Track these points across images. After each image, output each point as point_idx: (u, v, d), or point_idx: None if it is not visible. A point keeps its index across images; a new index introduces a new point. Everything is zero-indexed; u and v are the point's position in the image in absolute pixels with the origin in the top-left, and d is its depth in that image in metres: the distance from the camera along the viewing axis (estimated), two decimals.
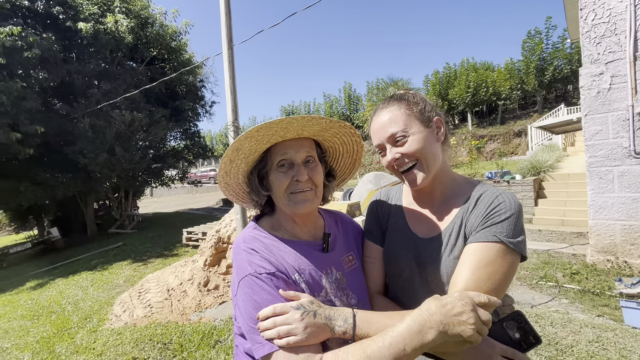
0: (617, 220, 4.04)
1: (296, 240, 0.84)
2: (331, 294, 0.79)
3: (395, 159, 0.82)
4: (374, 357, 0.59)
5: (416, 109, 0.83)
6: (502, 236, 0.72)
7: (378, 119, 0.86)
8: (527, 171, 8.31)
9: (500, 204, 0.77)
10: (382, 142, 0.84)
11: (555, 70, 17.40)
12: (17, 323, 4.44)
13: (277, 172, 0.80)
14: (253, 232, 0.82)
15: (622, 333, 2.66)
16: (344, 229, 0.98)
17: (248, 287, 0.71)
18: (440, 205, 0.88)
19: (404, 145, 0.81)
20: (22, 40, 8.27)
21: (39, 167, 10.01)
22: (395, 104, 0.84)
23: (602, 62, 4.03)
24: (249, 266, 0.72)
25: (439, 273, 0.80)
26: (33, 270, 8.07)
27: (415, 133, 0.81)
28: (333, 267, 0.84)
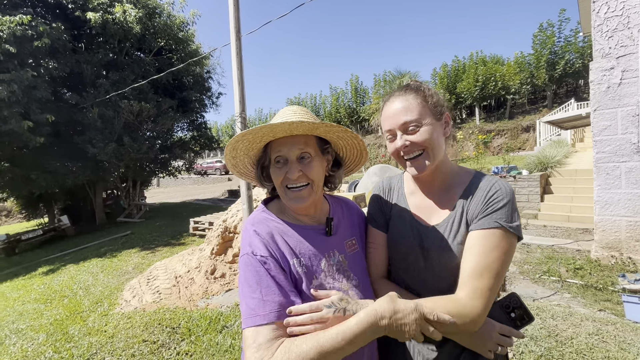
0: (623, 217, 4.03)
1: (300, 225, 0.88)
2: (330, 276, 0.84)
3: (405, 146, 0.85)
4: (326, 344, 0.66)
5: (431, 101, 0.86)
6: (502, 222, 0.78)
7: (392, 106, 0.88)
8: (534, 166, 8.25)
9: (497, 192, 0.82)
10: (394, 128, 0.86)
11: (566, 64, 17.05)
12: (31, 306, 4.60)
13: (273, 167, 0.86)
14: (262, 214, 0.88)
15: (622, 327, 2.68)
16: (349, 214, 1.02)
17: (243, 264, 0.78)
18: (441, 194, 0.92)
19: (415, 134, 0.84)
20: (32, 30, 8.35)
21: (49, 155, 10.19)
22: (412, 94, 0.87)
23: (614, 56, 3.97)
24: (249, 246, 0.79)
25: (443, 257, 0.85)
26: (44, 256, 8.28)
27: (428, 124, 0.84)
28: (335, 250, 0.89)
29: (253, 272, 0.75)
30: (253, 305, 0.72)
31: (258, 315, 0.70)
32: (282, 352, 0.67)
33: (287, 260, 0.80)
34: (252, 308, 0.72)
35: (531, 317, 0.87)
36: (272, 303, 0.71)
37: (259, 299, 0.72)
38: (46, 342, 3.35)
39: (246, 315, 0.72)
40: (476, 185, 0.87)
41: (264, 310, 0.71)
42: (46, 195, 11.96)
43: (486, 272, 0.74)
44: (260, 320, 0.70)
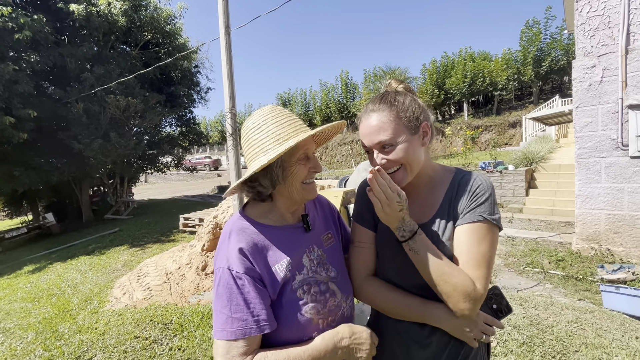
0: (602, 210, 4.20)
1: (282, 225, 0.91)
2: (312, 270, 0.88)
3: (382, 164, 0.88)
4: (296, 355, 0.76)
5: (405, 116, 0.86)
6: (486, 215, 0.83)
7: (367, 122, 0.88)
8: (519, 162, 8.45)
9: (479, 187, 0.87)
10: (370, 146, 0.89)
11: (552, 61, 17.41)
12: (18, 305, 4.52)
13: (298, 164, 0.85)
14: (241, 222, 0.87)
15: (600, 315, 2.82)
16: (322, 210, 1.07)
17: (218, 277, 0.80)
18: (426, 194, 0.96)
19: (391, 154, 0.86)
20: (12, 22, 8.09)
21: (33, 152, 9.92)
22: (385, 110, 0.86)
23: (595, 54, 4.10)
24: (226, 260, 0.79)
25: None
26: (30, 254, 8.11)
27: (402, 142, 0.85)
28: (315, 245, 0.93)
29: (225, 288, 0.77)
30: (222, 320, 0.75)
31: (225, 331, 0.74)
32: None
33: (268, 267, 0.82)
34: (222, 322, 0.75)
35: (510, 309, 0.94)
36: (239, 321, 0.74)
37: (227, 316, 0.75)
38: (35, 340, 3.32)
39: (216, 327, 0.76)
40: (459, 183, 0.91)
41: (232, 327, 0.74)
42: (30, 192, 11.67)
43: (481, 261, 0.81)
44: (228, 336, 0.74)
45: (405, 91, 0.93)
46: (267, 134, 0.82)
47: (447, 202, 0.91)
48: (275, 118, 0.84)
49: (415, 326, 0.92)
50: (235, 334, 0.74)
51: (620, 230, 4.08)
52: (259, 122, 0.84)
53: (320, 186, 6.75)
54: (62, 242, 8.94)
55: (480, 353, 0.94)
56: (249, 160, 0.86)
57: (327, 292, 0.88)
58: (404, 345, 0.94)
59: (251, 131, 0.85)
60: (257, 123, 0.85)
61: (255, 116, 0.87)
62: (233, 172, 4.89)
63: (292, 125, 0.84)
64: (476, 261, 0.81)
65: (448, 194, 0.92)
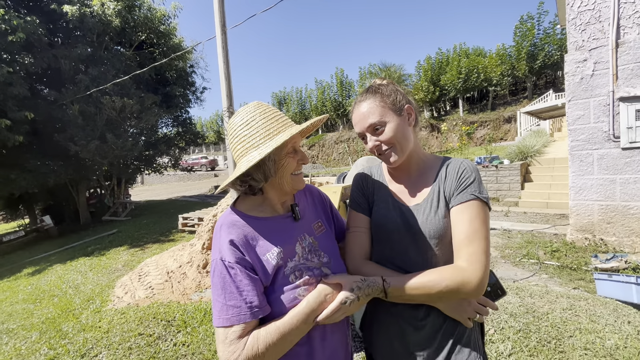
0: (595, 201, 4.28)
1: (273, 216, 0.95)
2: (303, 257, 0.93)
3: (376, 146, 0.97)
4: (285, 327, 0.80)
5: (388, 100, 0.96)
6: (476, 193, 0.90)
7: (358, 111, 0.99)
8: (514, 156, 8.56)
9: (465, 170, 0.95)
10: (363, 131, 0.98)
11: (545, 56, 17.57)
12: (19, 306, 4.54)
13: (287, 157, 0.90)
14: (232, 216, 0.91)
15: (593, 302, 2.90)
16: (312, 199, 1.11)
17: (212, 268, 0.84)
18: (417, 178, 1.03)
19: (382, 134, 0.95)
20: (5, 24, 8.03)
21: (29, 154, 9.88)
22: (370, 97, 0.97)
23: (586, 48, 4.18)
24: (218, 252, 0.84)
25: (426, 231, 0.95)
26: (28, 257, 8.09)
27: (390, 122, 0.94)
28: (306, 234, 0.97)
29: (219, 277, 0.81)
30: (218, 308, 0.80)
31: (221, 318, 0.79)
32: (251, 343, 0.78)
33: (259, 256, 0.86)
34: (218, 310, 0.80)
35: (504, 292, 1.00)
36: (233, 308, 0.79)
37: (222, 304, 0.80)
38: (40, 339, 3.34)
39: (214, 315, 0.82)
40: (447, 167, 0.99)
41: (227, 314, 0.79)
42: (26, 195, 11.60)
43: (475, 237, 0.85)
44: (224, 323, 0.79)
45: (387, 82, 1.02)
46: (257, 130, 0.86)
47: (437, 184, 0.98)
48: (263, 114, 0.88)
49: (409, 309, 0.96)
50: (230, 320, 0.78)
51: (613, 220, 4.18)
52: (247, 119, 0.87)
53: (318, 183, 6.80)
54: (61, 245, 8.92)
55: (474, 334, 0.98)
56: (239, 155, 0.88)
57: (321, 276, 0.92)
58: (399, 328, 0.98)
59: (240, 127, 0.88)
60: (245, 119, 0.87)
61: (242, 112, 0.90)
62: (232, 170, 4.93)
63: (280, 121, 0.89)
64: (469, 238, 0.85)
65: (438, 177, 0.99)
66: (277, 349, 0.80)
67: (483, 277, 0.82)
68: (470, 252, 0.84)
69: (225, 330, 0.78)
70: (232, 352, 0.76)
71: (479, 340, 1.00)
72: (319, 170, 20.34)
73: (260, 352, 0.77)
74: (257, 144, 0.85)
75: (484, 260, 0.83)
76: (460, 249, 0.86)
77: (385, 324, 1.02)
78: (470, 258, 0.83)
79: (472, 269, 0.82)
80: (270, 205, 0.96)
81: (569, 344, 2.31)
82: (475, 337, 0.99)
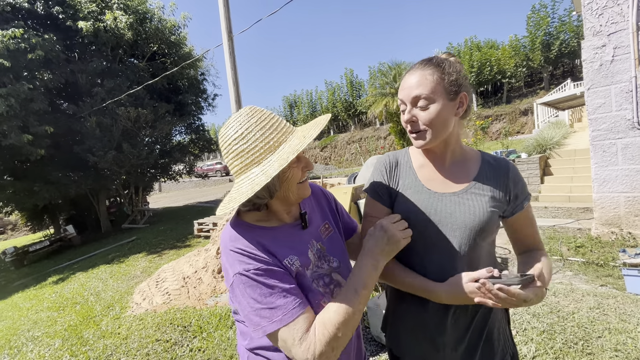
0: (621, 193, 4.07)
1: (281, 226, 0.89)
2: (316, 265, 0.87)
3: (410, 120, 0.88)
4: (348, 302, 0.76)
5: (448, 79, 0.85)
6: (528, 195, 0.95)
7: (410, 77, 0.88)
8: (532, 149, 8.26)
9: (517, 172, 0.95)
10: (405, 99, 0.88)
11: (562, 44, 16.99)
12: (44, 314, 4.69)
13: (292, 168, 0.82)
14: (238, 228, 0.84)
15: (623, 300, 2.74)
16: (316, 200, 1.05)
17: (239, 284, 0.77)
18: (453, 167, 0.95)
19: (423, 112, 0.85)
20: (25, 42, 8.38)
21: (51, 167, 10.28)
22: (430, 69, 0.86)
23: (605, 33, 3.99)
24: (238, 265, 0.77)
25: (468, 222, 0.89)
26: (53, 266, 8.39)
27: (437, 103, 0.84)
28: (313, 240, 0.91)
29: (252, 287, 0.75)
30: (266, 315, 0.74)
31: (275, 322, 0.73)
32: (320, 331, 0.72)
33: (279, 260, 0.81)
34: (268, 317, 0.74)
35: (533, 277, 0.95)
36: (281, 307, 0.73)
37: (267, 309, 0.74)
38: (62, 347, 3.44)
39: (263, 326, 0.74)
40: (492, 166, 0.95)
41: (278, 315, 0.73)
42: (50, 206, 12.06)
43: (537, 228, 0.98)
44: (281, 323, 0.72)
45: (455, 60, 0.92)
46: (255, 143, 0.78)
47: (481, 179, 0.93)
48: (258, 123, 0.79)
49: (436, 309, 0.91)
50: (285, 318, 0.73)
51: None
52: (242, 131, 0.78)
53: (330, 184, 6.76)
54: (83, 253, 9.21)
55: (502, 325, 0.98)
56: (239, 172, 0.81)
57: (332, 284, 0.88)
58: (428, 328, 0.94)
59: (234, 141, 0.79)
60: (239, 132, 0.78)
61: (234, 123, 0.80)
62: None
63: (278, 129, 0.81)
64: (536, 230, 0.99)
65: (482, 172, 0.94)
66: (349, 324, 0.75)
67: None
68: (539, 238, 0.98)
69: (287, 331, 0.72)
70: (306, 349, 0.71)
71: (507, 331, 1.01)
72: (331, 171, 20.30)
73: (334, 334, 0.72)
74: (258, 159, 0.78)
75: None
76: (538, 245, 0.97)
77: (412, 324, 0.98)
78: (541, 243, 0.97)
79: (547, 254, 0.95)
80: (276, 217, 0.90)
81: (598, 345, 2.19)
82: (503, 329, 0.99)
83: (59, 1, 9.89)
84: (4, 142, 8.25)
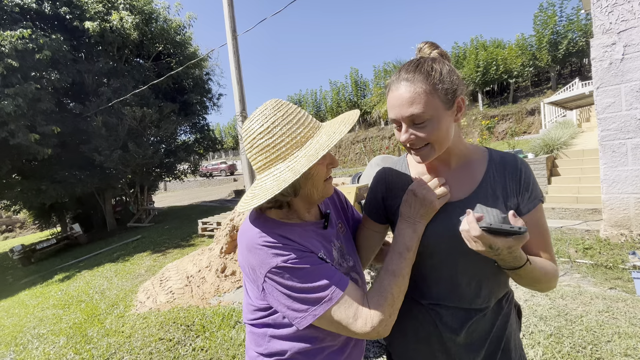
0: (630, 194, 3.99)
1: (304, 223, 0.87)
2: (338, 264, 0.86)
3: (410, 140, 0.80)
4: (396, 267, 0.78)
5: (441, 88, 0.76)
6: (540, 197, 0.86)
7: (397, 92, 0.78)
8: (539, 149, 8.15)
9: (526, 169, 0.86)
10: (399, 119, 0.79)
11: (569, 43, 16.76)
12: (50, 312, 4.73)
13: (317, 165, 0.79)
14: (265, 224, 0.82)
15: (633, 303, 2.68)
16: (332, 200, 1.05)
17: (275, 282, 0.74)
18: (458, 170, 0.89)
19: (421, 130, 0.78)
20: (32, 43, 8.47)
21: (58, 166, 10.39)
22: (420, 80, 0.76)
23: (614, 31, 3.91)
24: (272, 259, 0.73)
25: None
26: (60, 264, 8.48)
27: (434, 117, 0.77)
28: (334, 239, 0.90)
29: (291, 276, 0.72)
30: (313, 299, 0.72)
31: (324, 303, 0.71)
32: (373, 301, 0.74)
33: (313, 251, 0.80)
34: (314, 301, 0.72)
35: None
36: (327, 286, 0.71)
37: (313, 291, 0.72)
38: (67, 344, 3.46)
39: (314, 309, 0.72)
40: (500, 164, 0.87)
41: (326, 293, 0.71)
42: (57, 205, 12.19)
43: (548, 239, 0.88)
44: (330, 303, 0.71)
45: (441, 58, 0.83)
46: (282, 137, 0.74)
47: (488, 180, 0.85)
48: (285, 117, 0.76)
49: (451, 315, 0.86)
50: (334, 295, 0.72)
51: None
52: (268, 125, 0.75)
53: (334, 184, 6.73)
54: (89, 251, 9.29)
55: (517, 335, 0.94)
56: (262, 167, 0.78)
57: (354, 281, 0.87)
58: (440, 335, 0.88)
59: (260, 135, 0.76)
60: (265, 125, 0.75)
61: (260, 117, 0.77)
62: (247, 176, 4.96)
63: (305, 124, 0.77)
64: (547, 242, 0.88)
65: (489, 172, 0.86)
66: (400, 287, 0.77)
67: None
68: (552, 254, 0.88)
69: (339, 309, 0.71)
70: (363, 323, 0.71)
71: (520, 341, 0.96)
72: (335, 171, 20.28)
73: (389, 301, 0.73)
74: (284, 155, 0.75)
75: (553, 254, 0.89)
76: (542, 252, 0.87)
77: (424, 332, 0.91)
78: (552, 258, 0.87)
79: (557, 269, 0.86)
80: (297, 215, 0.88)
81: (607, 349, 2.14)
82: (518, 340, 0.94)
83: (66, 2, 9.99)
84: (12, 141, 8.35)
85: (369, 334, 0.71)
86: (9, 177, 10.29)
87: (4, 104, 7.72)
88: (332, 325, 0.73)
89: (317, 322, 0.73)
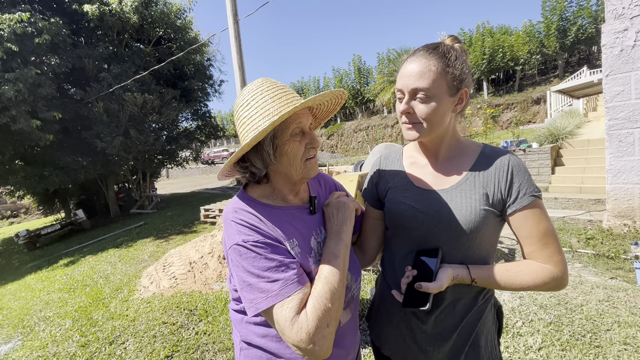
0: (636, 184, 3.95)
1: (286, 206, 0.86)
2: (319, 254, 0.84)
3: (406, 111, 0.84)
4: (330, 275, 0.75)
5: (451, 72, 0.80)
6: (535, 193, 0.82)
7: (412, 65, 0.82)
8: (544, 139, 8.07)
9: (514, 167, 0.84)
10: (403, 89, 0.83)
11: (578, 30, 16.33)
12: (55, 295, 4.81)
13: (291, 142, 0.79)
14: (243, 202, 0.83)
15: (633, 293, 2.69)
16: (326, 188, 1.03)
17: (236, 255, 0.74)
18: (446, 163, 0.92)
19: (421, 105, 0.81)
20: (31, 26, 8.33)
21: (60, 152, 10.38)
22: (434, 59, 0.80)
23: (627, 17, 3.79)
24: (237, 235, 0.75)
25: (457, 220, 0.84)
26: (64, 249, 8.58)
27: (436, 98, 0.80)
28: (321, 227, 0.89)
29: (249, 259, 0.72)
30: (260, 289, 0.71)
31: (269, 298, 0.70)
32: (310, 309, 0.69)
33: (279, 241, 0.78)
34: (261, 293, 0.70)
35: None
36: (276, 282, 0.70)
37: (263, 281, 0.71)
38: (72, 327, 3.53)
39: (257, 302, 0.71)
40: (489, 159, 0.87)
41: (273, 291, 0.70)
42: (61, 191, 12.25)
43: (549, 238, 0.80)
44: (273, 300, 0.69)
45: (460, 51, 0.85)
46: (256, 110, 0.77)
47: (475, 173, 0.86)
48: (264, 92, 0.78)
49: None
50: (279, 294, 0.69)
51: None
52: (248, 98, 0.79)
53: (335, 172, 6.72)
54: (93, 237, 9.39)
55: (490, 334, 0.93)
56: (242, 139, 0.80)
57: None
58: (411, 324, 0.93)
59: (240, 108, 0.80)
60: (246, 99, 0.79)
61: (244, 92, 0.81)
62: None
63: (283, 99, 0.78)
64: (542, 241, 0.80)
65: (476, 167, 0.87)
66: (339, 299, 0.74)
67: (567, 272, 0.81)
68: (549, 254, 0.80)
69: (280, 310, 0.69)
70: (298, 329, 0.67)
71: (495, 340, 0.95)
72: (337, 159, 20.22)
73: (325, 307, 0.70)
74: (256, 125, 0.76)
75: (563, 258, 0.80)
76: (536, 252, 0.81)
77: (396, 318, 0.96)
78: (551, 259, 0.80)
79: (558, 270, 0.79)
80: (280, 195, 0.87)
81: (606, 338, 2.15)
82: (492, 337, 0.93)
83: None
84: (13, 126, 8.32)
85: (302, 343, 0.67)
86: (12, 163, 10.29)
87: (4, 89, 7.66)
88: (275, 325, 0.71)
89: (263, 315, 0.73)
